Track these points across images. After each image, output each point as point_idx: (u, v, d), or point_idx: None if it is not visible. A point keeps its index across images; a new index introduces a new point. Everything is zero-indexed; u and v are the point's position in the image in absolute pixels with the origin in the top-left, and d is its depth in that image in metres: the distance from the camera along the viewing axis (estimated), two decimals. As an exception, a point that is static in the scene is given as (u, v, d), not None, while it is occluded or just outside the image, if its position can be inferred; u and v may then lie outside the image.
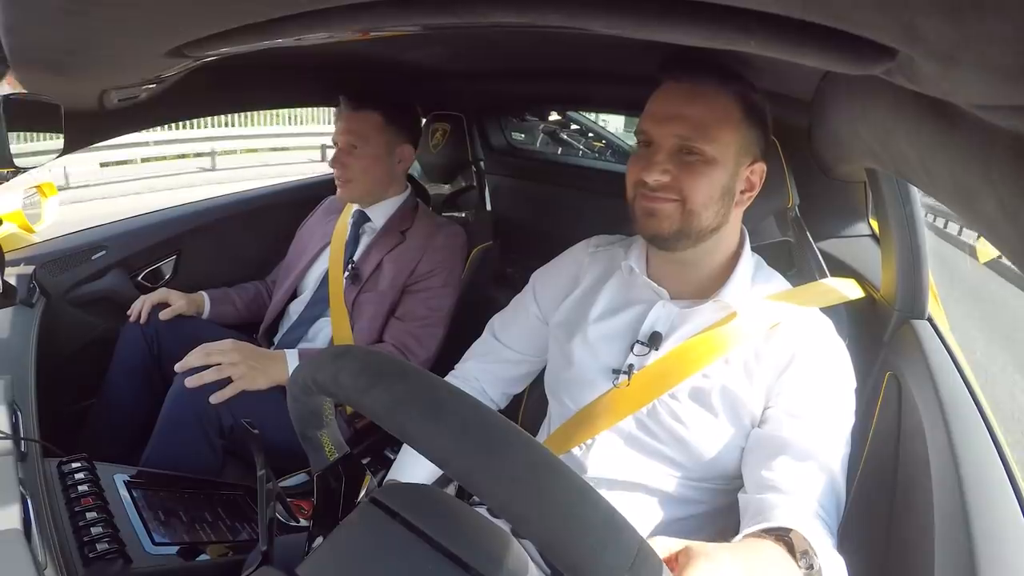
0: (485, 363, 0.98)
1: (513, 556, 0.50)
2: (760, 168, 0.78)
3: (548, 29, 0.44)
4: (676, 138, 0.73)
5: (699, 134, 0.72)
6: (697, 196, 0.73)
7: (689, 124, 0.73)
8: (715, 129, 0.73)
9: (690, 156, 0.73)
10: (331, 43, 0.59)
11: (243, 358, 1.08)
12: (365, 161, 1.28)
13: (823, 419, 0.71)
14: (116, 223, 1.50)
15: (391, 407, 0.44)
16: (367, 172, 1.29)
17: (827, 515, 0.66)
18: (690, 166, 0.73)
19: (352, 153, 1.27)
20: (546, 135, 2.03)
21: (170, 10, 0.48)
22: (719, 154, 0.73)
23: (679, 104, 0.74)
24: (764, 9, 0.29)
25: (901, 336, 0.84)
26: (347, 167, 1.27)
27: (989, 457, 0.63)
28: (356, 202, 1.35)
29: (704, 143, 0.72)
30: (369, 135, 1.27)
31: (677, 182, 0.73)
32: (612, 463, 0.78)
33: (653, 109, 0.76)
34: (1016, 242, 0.35)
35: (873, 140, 0.61)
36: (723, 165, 0.74)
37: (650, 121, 0.76)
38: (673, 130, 0.73)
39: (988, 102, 0.30)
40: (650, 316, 0.80)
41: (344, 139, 1.28)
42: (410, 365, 0.48)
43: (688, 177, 0.73)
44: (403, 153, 1.33)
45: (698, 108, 0.73)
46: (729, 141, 0.74)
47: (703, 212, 0.74)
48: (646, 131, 0.76)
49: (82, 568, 0.70)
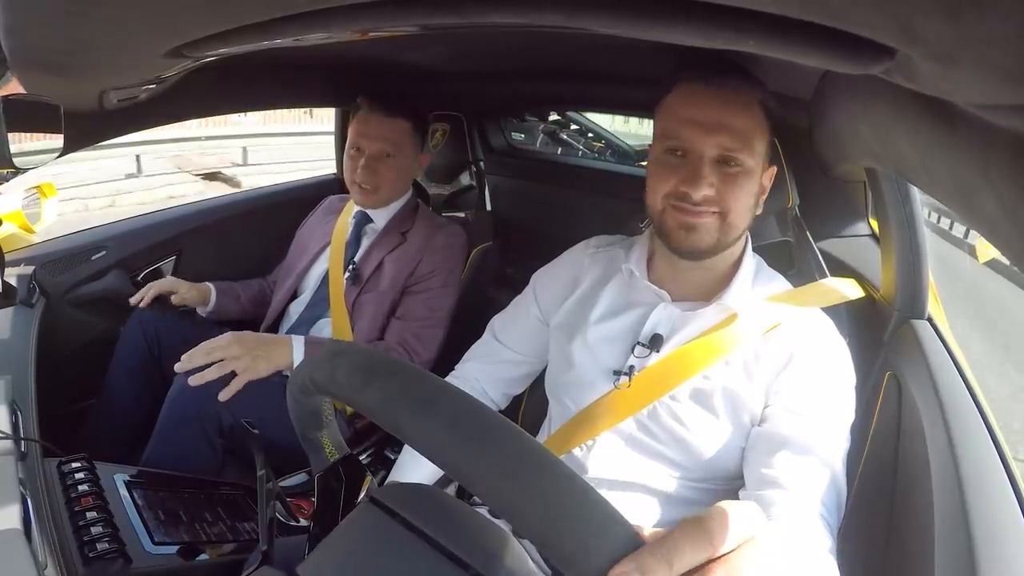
0: (486, 364, 0.98)
1: (513, 556, 0.50)
2: (772, 172, 0.78)
3: (547, 29, 0.44)
4: (720, 148, 0.71)
5: (743, 145, 0.71)
6: (738, 207, 0.73)
7: (734, 135, 0.71)
8: (754, 139, 0.72)
9: (731, 167, 0.72)
10: (331, 44, 0.59)
11: (245, 349, 1.06)
12: (397, 170, 1.27)
13: (823, 415, 0.71)
14: (116, 223, 1.51)
15: (384, 403, 0.44)
16: (397, 180, 1.29)
17: (827, 512, 0.65)
18: (732, 178, 0.72)
19: (384, 161, 1.25)
20: (546, 135, 2.03)
21: (169, 10, 0.48)
22: (753, 164, 0.73)
23: (720, 112, 0.71)
24: (762, 9, 0.29)
25: (901, 336, 0.84)
26: (378, 174, 1.25)
27: (989, 457, 0.63)
28: (376, 208, 1.34)
29: (746, 155, 0.72)
30: (402, 143, 1.26)
31: (719, 195, 0.72)
32: (613, 464, 0.78)
33: (689, 115, 0.72)
34: (1016, 242, 0.35)
35: (873, 140, 0.61)
36: (756, 173, 0.74)
37: (689, 130, 0.72)
38: (718, 140, 0.71)
39: (988, 102, 0.30)
40: (651, 318, 0.80)
41: (378, 146, 1.25)
42: (404, 362, 0.48)
43: (730, 189, 0.72)
44: (423, 161, 1.35)
45: (741, 118, 0.71)
46: (761, 149, 0.74)
47: (740, 224, 0.74)
48: (683, 138, 0.72)
49: (82, 568, 0.70)
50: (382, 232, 1.34)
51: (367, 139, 1.26)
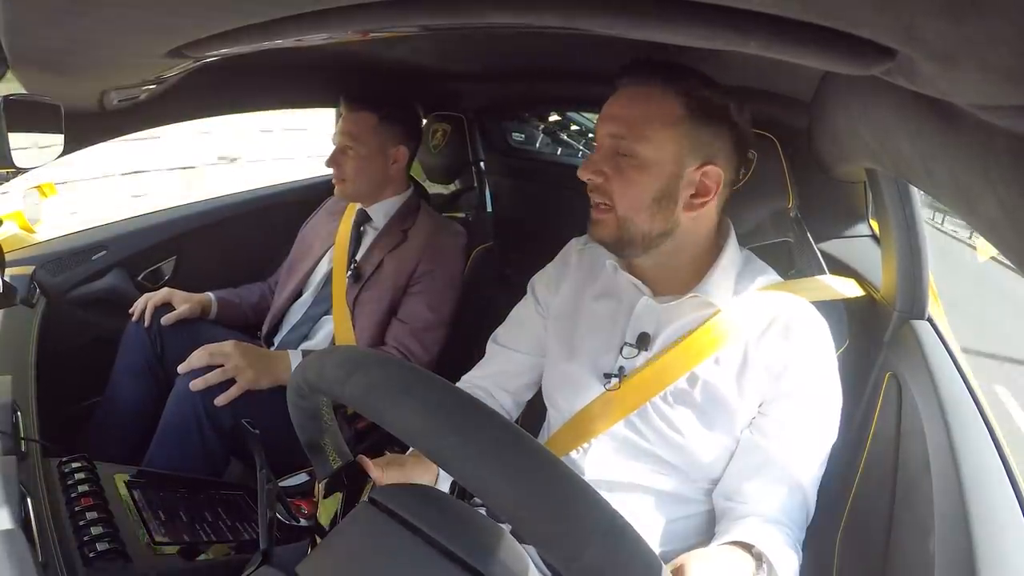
0: (493, 372, 0.95)
1: (512, 555, 0.50)
2: (714, 171, 0.73)
3: (548, 30, 0.44)
4: (610, 138, 0.74)
5: (631, 133, 0.72)
6: (624, 201, 0.73)
7: (622, 123, 0.73)
8: (648, 128, 0.72)
9: (624, 158, 0.73)
10: (331, 44, 0.59)
11: (246, 360, 1.08)
12: (357, 162, 1.29)
13: (810, 433, 0.74)
14: (116, 223, 1.51)
15: (366, 392, 0.45)
16: (360, 172, 1.30)
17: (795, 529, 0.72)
18: (621, 170, 0.73)
19: (346, 153, 1.29)
20: (546, 136, 2.03)
21: (170, 11, 0.48)
22: (654, 155, 0.72)
23: (618, 105, 0.75)
24: (763, 9, 0.29)
25: (901, 336, 0.84)
26: (340, 166, 1.30)
27: (989, 457, 0.63)
28: (352, 200, 1.37)
29: (635, 142, 0.72)
30: (362, 136, 1.29)
31: (609, 184, 0.74)
32: (609, 466, 0.78)
33: (602, 111, 0.77)
34: (1016, 242, 0.35)
35: (873, 140, 0.61)
36: (658, 168, 0.72)
37: (597, 122, 0.77)
38: (607, 129, 0.74)
39: (988, 102, 0.30)
40: (634, 315, 0.80)
41: (339, 140, 1.30)
42: (388, 356, 0.49)
43: (618, 181, 0.73)
44: (397, 154, 1.33)
45: (635, 108, 0.73)
46: (666, 140, 0.72)
47: (635, 218, 0.73)
48: (594, 132, 0.77)
49: (82, 568, 0.70)
50: (383, 230, 1.34)
51: (335, 135, 1.32)
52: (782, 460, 0.72)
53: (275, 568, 0.51)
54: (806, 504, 0.73)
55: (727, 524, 0.71)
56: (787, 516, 0.71)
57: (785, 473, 0.72)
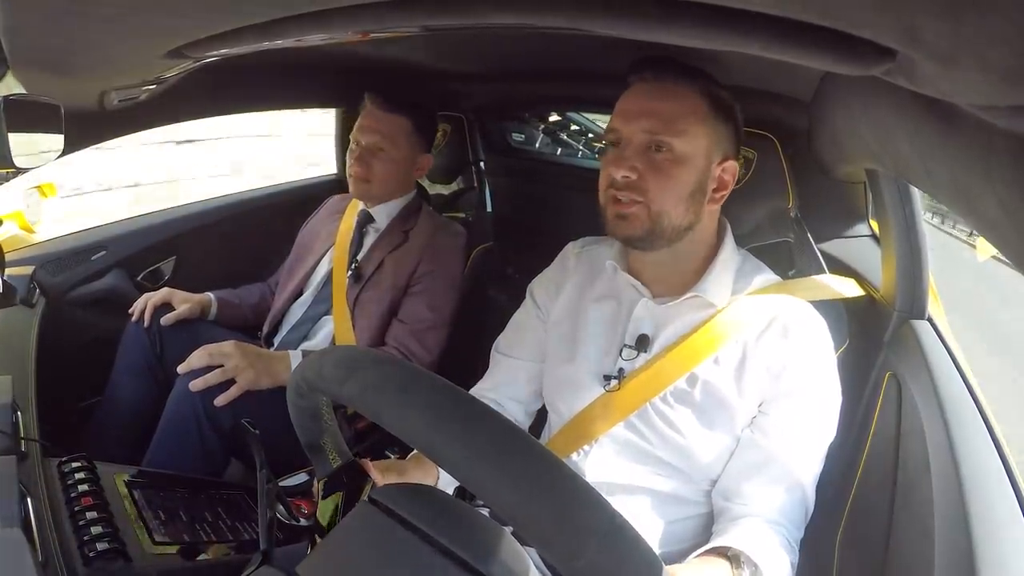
0: (500, 384, 0.93)
1: (513, 555, 0.50)
2: (732, 166, 0.77)
3: (549, 30, 0.45)
4: (645, 133, 0.73)
5: (668, 128, 0.72)
6: (661, 196, 0.73)
7: (658, 118, 0.73)
8: (683, 122, 0.72)
9: (659, 153, 0.73)
10: (331, 44, 0.59)
11: (246, 360, 1.08)
12: (388, 165, 1.27)
13: (809, 435, 0.74)
14: (116, 223, 1.51)
15: (364, 391, 0.45)
16: (389, 175, 1.29)
17: (794, 529, 0.72)
18: (658, 165, 0.73)
19: (377, 155, 1.27)
20: (546, 136, 2.03)
21: (169, 11, 0.48)
22: (689, 149, 0.73)
23: (647, 100, 0.74)
24: (764, 10, 0.29)
25: (901, 336, 0.84)
26: (369, 167, 1.27)
27: (989, 457, 0.63)
28: (367, 201, 1.35)
29: (672, 136, 0.72)
30: (397, 139, 1.27)
31: (644, 181, 0.73)
32: (610, 468, 0.78)
33: (622, 107, 0.76)
34: (1016, 242, 0.35)
35: (873, 140, 0.61)
36: (693, 162, 0.73)
37: (620, 119, 0.75)
38: (642, 125, 0.73)
39: (988, 102, 0.30)
40: (634, 316, 0.80)
41: (371, 140, 1.26)
42: (386, 355, 0.49)
43: (655, 177, 0.73)
44: (423, 162, 1.34)
45: (667, 103, 0.73)
46: (698, 135, 0.73)
47: (672, 212, 0.74)
48: (616, 129, 0.76)
49: (82, 568, 0.70)
50: (385, 231, 1.34)
51: (364, 132, 1.28)
52: (781, 459, 0.72)
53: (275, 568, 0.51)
54: (805, 502, 0.73)
55: (724, 524, 0.72)
56: (784, 516, 0.71)
57: (784, 471, 0.72)
